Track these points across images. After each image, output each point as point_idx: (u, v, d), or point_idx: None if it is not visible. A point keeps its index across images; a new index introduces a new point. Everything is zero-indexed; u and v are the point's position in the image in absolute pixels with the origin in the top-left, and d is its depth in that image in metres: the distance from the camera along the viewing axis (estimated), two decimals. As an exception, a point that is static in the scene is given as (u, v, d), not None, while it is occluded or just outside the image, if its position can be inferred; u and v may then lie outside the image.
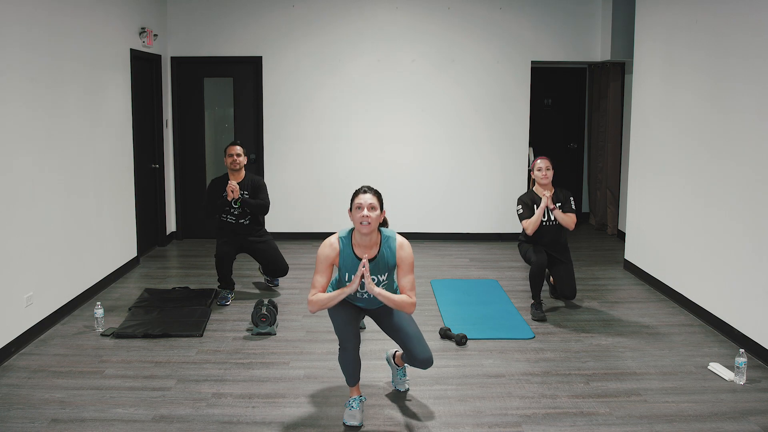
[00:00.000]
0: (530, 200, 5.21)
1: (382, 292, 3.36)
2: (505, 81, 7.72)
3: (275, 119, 7.73)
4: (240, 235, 5.59)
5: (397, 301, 3.39)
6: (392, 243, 3.47)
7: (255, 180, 5.61)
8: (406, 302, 3.41)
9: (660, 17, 5.88)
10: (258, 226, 5.68)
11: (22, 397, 3.79)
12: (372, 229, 3.37)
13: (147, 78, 7.17)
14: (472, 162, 7.83)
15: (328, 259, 3.45)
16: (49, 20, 4.92)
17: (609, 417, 3.60)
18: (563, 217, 5.13)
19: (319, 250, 3.47)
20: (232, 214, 5.53)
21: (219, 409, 3.68)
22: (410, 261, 3.46)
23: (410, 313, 3.47)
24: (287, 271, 5.81)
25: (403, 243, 3.47)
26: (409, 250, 3.47)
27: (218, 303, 5.47)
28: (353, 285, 3.35)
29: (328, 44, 7.64)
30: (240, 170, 5.57)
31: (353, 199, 3.42)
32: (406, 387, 3.92)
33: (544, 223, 5.17)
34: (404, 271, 3.45)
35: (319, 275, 3.45)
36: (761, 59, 4.34)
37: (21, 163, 4.51)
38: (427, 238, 7.89)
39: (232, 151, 5.53)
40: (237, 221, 5.55)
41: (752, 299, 4.45)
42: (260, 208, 5.53)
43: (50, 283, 4.92)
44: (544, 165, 5.18)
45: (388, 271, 3.48)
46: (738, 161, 4.62)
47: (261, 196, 5.57)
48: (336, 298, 3.39)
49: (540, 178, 5.17)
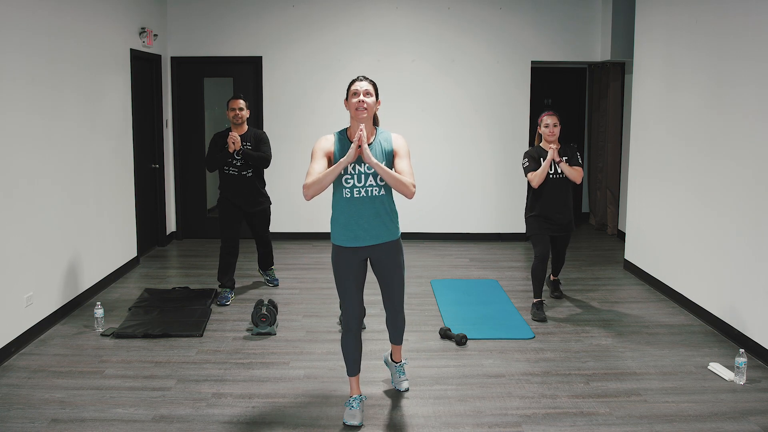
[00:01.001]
0: (536, 154, 5.11)
1: (380, 164, 3.30)
2: (505, 81, 7.72)
3: (275, 119, 7.73)
4: (241, 193, 5.56)
5: (396, 176, 3.33)
6: (387, 135, 3.49)
7: (258, 133, 5.59)
8: (405, 180, 3.35)
9: (660, 17, 5.88)
10: (260, 182, 5.66)
11: (22, 397, 3.79)
12: (368, 115, 3.38)
13: (147, 78, 7.17)
14: (472, 162, 7.83)
15: (323, 149, 3.43)
16: (49, 20, 4.92)
17: (609, 417, 3.60)
18: (569, 170, 5.03)
19: (315, 144, 3.47)
20: (234, 165, 5.51)
21: (219, 409, 3.68)
22: (407, 148, 3.48)
23: (409, 196, 3.36)
24: (269, 246, 5.94)
25: (398, 135, 3.52)
26: (404, 140, 3.52)
27: (218, 303, 5.47)
28: (350, 154, 3.27)
29: (328, 44, 7.64)
30: (242, 124, 5.53)
31: (349, 87, 3.43)
32: (406, 387, 3.92)
33: (551, 176, 5.06)
34: (401, 156, 3.44)
35: (315, 163, 3.39)
36: (761, 60, 4.34)
37: (21, 162, 4.51)
38: (427, 238, 7.89)
39: (234, 105, 5.48)
40: (239, 173, 5.52)
41: (752, 299, 4.45)
42: (261, 160, 5.50)
43: (50, 283, 4.92)
44: (551, 121, 5.06)
45: (384, 158, 3.44)
46: (738, 161, 4.62)
47: (263, 148, 5.54)
48: (331, 172, 3.30)
49: (547, 134, 5.07)
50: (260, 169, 5.65)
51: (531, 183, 5.06)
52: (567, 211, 5.19)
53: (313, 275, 6.37)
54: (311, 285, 6.05)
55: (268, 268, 6.08)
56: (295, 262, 6.75)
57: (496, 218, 7.92)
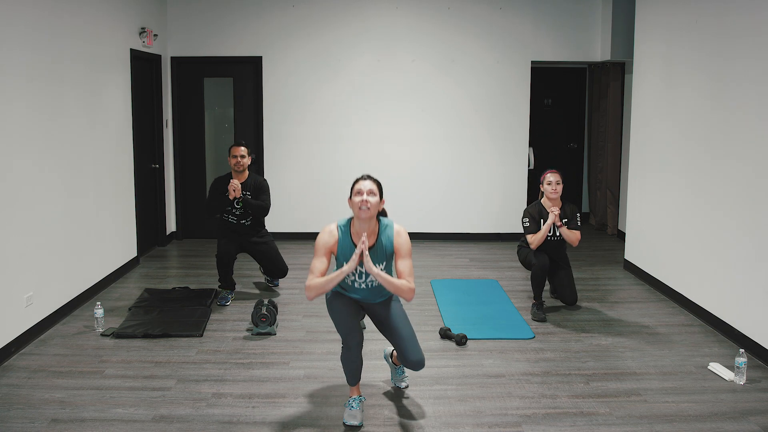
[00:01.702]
0: (537, 214, 5.20)
1: (381, 273, 3.36)
2: (505, 81, 7.72)
3: (275, 119, 7.73)
4: (241, 235, 5.59)
5: (396, 284, 3.39)
6: (390, 231, 3.50)
7: (258, 181, 5.60)
8: (405, 286, 3.40)
9: (660, 17, 5.88)
10: (259, 227, 5.68)
11: (22, 397, 3.79)
12: (371, 215, 3.39)
13: (147, 78, 7.17)
14: (472, 162, 7.83)
15: (326, 245, 3.47)
16: (50, 20, 4.92)
17: (609, 417, 3.60)
18: (569, 234, 5.14)
19: (318, 236, 3.50)
20: (233, 214, 5.53)
21: (219, 409, 3.68)
22: (408, 247, 3.49)
23: (409, 299, 3.44)
24: (287, 273, 5.82)
25: (401, 230, 3.52)
26: (407, 237, 3.52)
27: (218, 303, 5.47)
28: (351, 263, 3.34)
29: (328, 44, 7.64)
30: (243, 171, 5.55)
31: (353, 186, 3.46)
32: (406, 384, 3.93)
33: (549, 238, 5.19)
34: (402, 256, 3.47)
35: (317, 261, 3.45)
36: (761, 59, 4.34)
37: (21, 163, 4.51)
38: (427, 238, 7.89)
39: (236, 152, 5.52)
40: (238, 221, 5.55)
41: (752, 299, 4.45)
42: (260, 209, 5.52)
43: (50, 283, 4.92)
44: (554, 179, 5.14)
45: (386, 259, 3.50)
46: (738, 161, 4.62)
47: (262, 197, 5.56)
48: (333, 280, 3.37)
49: (550, 192, 5.14)
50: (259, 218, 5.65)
51: (530, 245, 5.16)
52: (561, 255, 5.35)
53: (313, 275, 6.36)
54: (311, 285, 6.04)
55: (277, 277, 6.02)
56: (295, 262, 6.75)
57: (496, 218, 7.92)
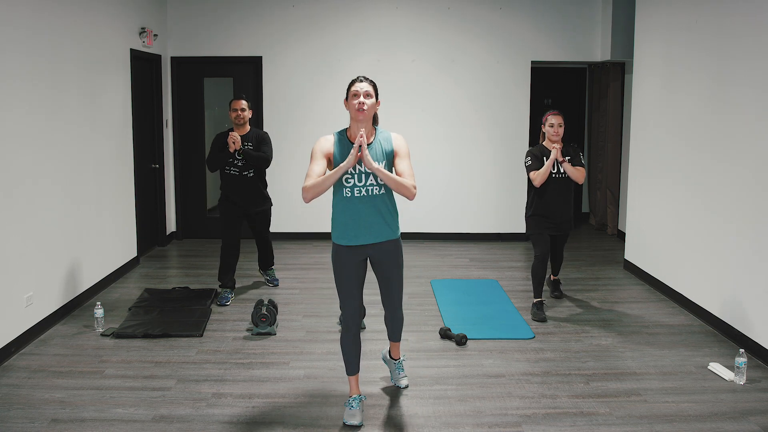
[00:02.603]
0: (539, 152, 5.12)
1: (381, 168, 3.33)
2: (505, 81, 7.72)
3: (275, 119, 7.73)
4: (243, 193, 5.56)
5: (397, 180, 3.36)
6: (386, 134, 3.51)
7: (259, 133, 5.58)
8: (406, 183, 3.38)
9: (660, 17, 5.88)
10: (262, 185, 5.66)
11: (22, 397, 3.79)
12: (367, 115, 3.39)
13: (147, 78, 7.17)
14: (472, 162, 7.83)
15: (323, 149, 3.44)
16: (49, 20, 4.92)
17: (609, 417, 3.60)
18: (572, 169, 5.04)
19: (314, 144, 3.47)
20: (235, 166, 5.51)
21: (219, 409, 3.68)
22: (407, 149, 3.49)
23: (411, 197, 3.40)
24: (270, 243, 5.97)
25: (398, 135, 3.53)
26: (404, 140, 3.53)
27: (218, 303, 5.47)
28: (350, 158, 3.30)
29: (328, 44, 7.64)
30: (244, 125, 5.53)
31: (349, 88, 3.45)
32: (406, 383, 3.93)
33: (553, 175, 5.08)
34: (401, 156, 3.46)
35: (314, 164, 3.40)
36: (761, 60, 4.34)
37: (21, 162, 4.51)
38: (427, 238, 7.89)
39: (236, 106, 5.49)
40: (240, 173, 5.51)
41: (752, 299, 4.45)
42: (261, 160, 5.49)
43: (50, 283, 4.92)
44: (556, 121, 5.07)
45: (385, 158, 3.45)
46: (737, 161, 4.62)
47: (264, 149, 5.54)
48: (331, 177, 3.32)
49: (551, 134, 5.07)
50: (262, 170, 5.65)
51: (533, 181, 5.06)
52: (567, 210, 5.20)
53: (313, 275, 6.37)
54: (311, 285, 6.05)
55: (268, 267, 6.08)
56: (295, 262, 6.75)
57: (496, 218, 7.92)
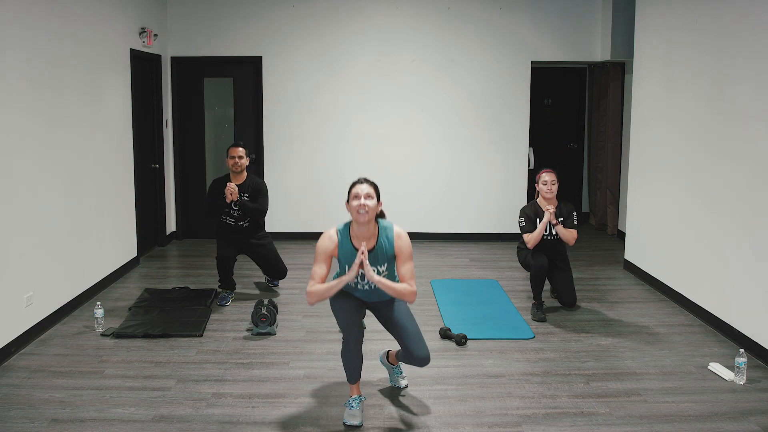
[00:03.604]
0: (533, 213, 5.20)
1: (382, 280, 3.37)
2: (505, 81, 7.72)
3: (275, 119, 7.73)
4: (239, 236, 5.59)
5: (397, 289, 3.40)
6: (390, 233, 3.49)
7: (256, 183, 5.58)
8: (406, 290, 3.42)
9: (660, 17, 5.88)
10: (258, 228, 5.67)
11: (22, 397, 3.79)
12: (369, 218, 3.40)
13: (147, 78, 7.17)
14: (472, 162, 7.83)
15: (326, 251, 3.48)
16: (49, 20, 4.92)
17: (609, 417, 3.60)
18: (565, 232, 5.14)
19: (318, 242, 3.51)
20: (231, 216, 5.52)
21: (219, 409, 3.68)
22: (409, 250, 3.48)
23: (411, 302, 3.47)
24: (286, 274, 5.82)
25: (401, 233, 3.50)
26: (407, 239, 3.50)
27: (218, 303, 5.47)
28: (351, 272, 3.36)
29: (328, 44, 7.64)
30: (241, 172, 5.54)
31: (350, 190, 3.46)
32: (405, 383, 3.94)
33: (546, 237, 5.19)
34: (403, 260, 3.47)
35: (318, 266, 3.47)
36: (761, 59, 4.34)
37: (21, 163, 4.51)
38: (427, 238, 7.89)
39: (233, 153, 5.50)
40: (236, 223, 5.54)
41: (752, 299, 4.45)
42: (257, 212, 5.50)
43: (50, 283, 4.92)
44: (549, 179, 5.15)
45: (387, 261, 3.49)
46: (738, 161, 4.62)
47: (260, 200, 5.53)
48: (334, 287, 3.40)
49: (545, 192, 5.14)
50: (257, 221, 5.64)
51: (527, 244, 5.16)
52: (561, 256, 5.33)
53: (313, 275, 6.36)
54: (311, 285, 6.04)
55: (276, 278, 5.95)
56: (295, 262, 6.75)
57: (496, 218, 7.92)
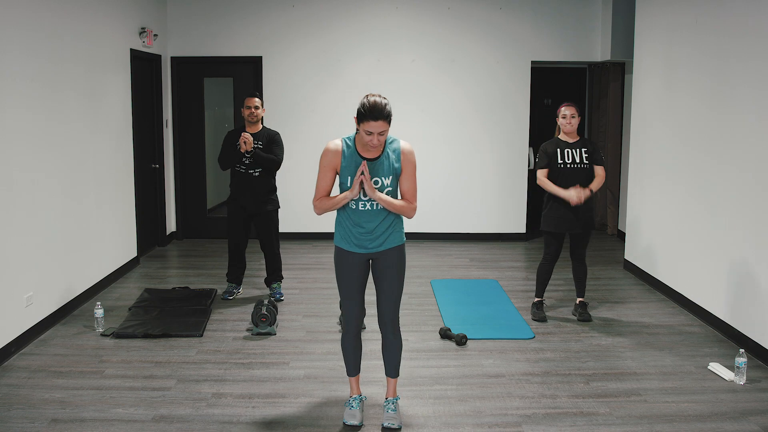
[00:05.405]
0: (552, 148, 4.96)
1: (382, 196, 3.32)
2: (505, 81, 7.72)
3: (275, 119, 7.72)
4: (250, 191, 5.44)
5: (397, 205, 3.36)
6: (396, 145, 3.41)
7: (271, 134, 5.49)
8: (407, 207, 3.39)
9: (660, 17, 5.88)
10: (270, 186, 5.50)
11: (22, 397, 3.79)
12: (379, 151, 3.36)
13: (147, 78, 7.17)
14: (471, 162, 7.83)
15: (330, 162, 3.38)
16: (49, 20, 4.92)
17: (609, 417, 3.60)
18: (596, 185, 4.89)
19: (322, 154, 3.40)
20: (243, 163, 5.44)
21: (219, 409, 3.68)
22: (413, 165, 3.40)
23: (410, 217, 3.43)
24: (277, 261, 5.65)
25: (408, 147, 3.42)
26: (413, 155, 3.41)
27: (222, 297, 5.49)
28: (353, 190, 3.31)
29: (328, 44, 7.64)
30: (257, 123, 5.46)
31: (363, 118, 3.21)
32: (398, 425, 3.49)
33: (569, 165, 4.92)
34: (407, 175, 3.40)
35: (322, 180, 3.41)
36: (761, 60, 4.34)
37: (21, 162, 4.51)
38: (427, 238, 7.89)
39: (250, 103, 5.42)
40: (247, 171, 5.44)
41: (752, 299, 4.45)
42: (270, 162, 5.40)
43: (50, 283, 4.92)
44: (569, 112, 4.94)
45: (391, 174, 3.39)
46: (737, 161, 4.62)
47: (275, 151, 5.44)
48: (339, 202, 3.36)
49: (565, 125, 4.95)
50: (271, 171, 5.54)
51: (537, 180, 4.97)
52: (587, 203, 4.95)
53: (313, 275, 6.37)
54: (311, 285, 6.05)
55: (274, 282, 5.72)
56: (295, 262, 6.75)
57: (496, 218, 7.92)
